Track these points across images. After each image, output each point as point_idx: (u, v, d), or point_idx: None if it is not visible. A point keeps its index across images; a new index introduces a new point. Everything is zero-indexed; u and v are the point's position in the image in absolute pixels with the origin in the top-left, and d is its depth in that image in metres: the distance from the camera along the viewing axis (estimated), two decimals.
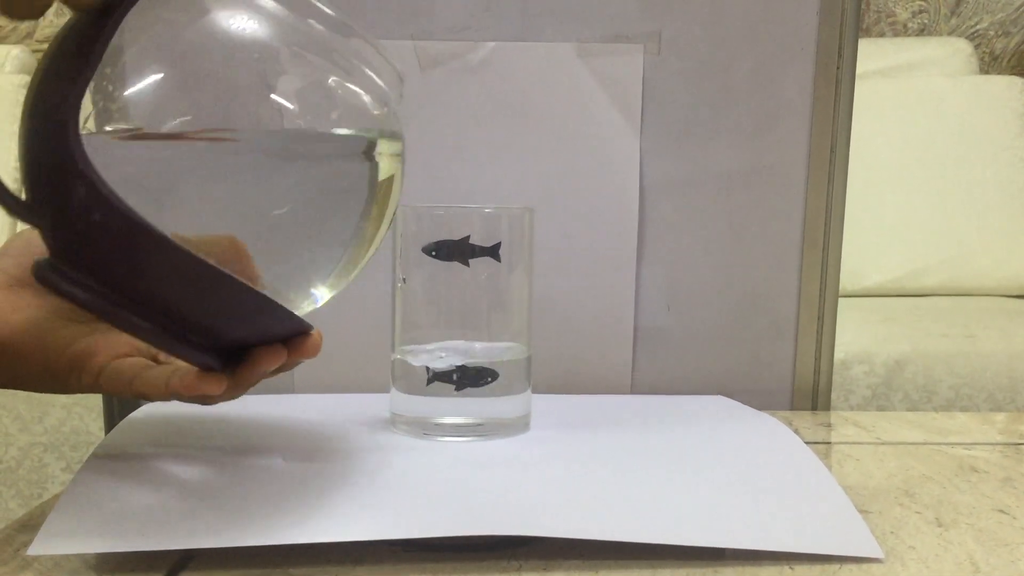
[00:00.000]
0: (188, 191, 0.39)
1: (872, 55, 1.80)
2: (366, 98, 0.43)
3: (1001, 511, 0.48)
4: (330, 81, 0.42)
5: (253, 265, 0.41)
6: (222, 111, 0.39)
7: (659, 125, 0.70)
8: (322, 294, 0.44)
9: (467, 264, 0.55)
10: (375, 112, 0.43)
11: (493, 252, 0.55)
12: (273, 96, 0.40)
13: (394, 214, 0.46)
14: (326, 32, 0.41)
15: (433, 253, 0.54)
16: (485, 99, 0.69)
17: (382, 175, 0.43)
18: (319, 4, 0.41)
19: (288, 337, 0.42)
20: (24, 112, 0.36)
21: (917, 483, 0.52)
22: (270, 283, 0.41)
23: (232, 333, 0.40)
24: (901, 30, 1.97)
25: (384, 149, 0.44)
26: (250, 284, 0.37)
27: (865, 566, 0.40)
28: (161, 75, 0.39)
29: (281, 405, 0.63)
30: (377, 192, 0.43)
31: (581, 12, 0.69)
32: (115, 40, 0.35)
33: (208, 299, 0.37)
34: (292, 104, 0.40)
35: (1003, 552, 0.42)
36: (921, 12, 1.96)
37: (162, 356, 0.47)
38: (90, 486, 0.45)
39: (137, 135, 0.38)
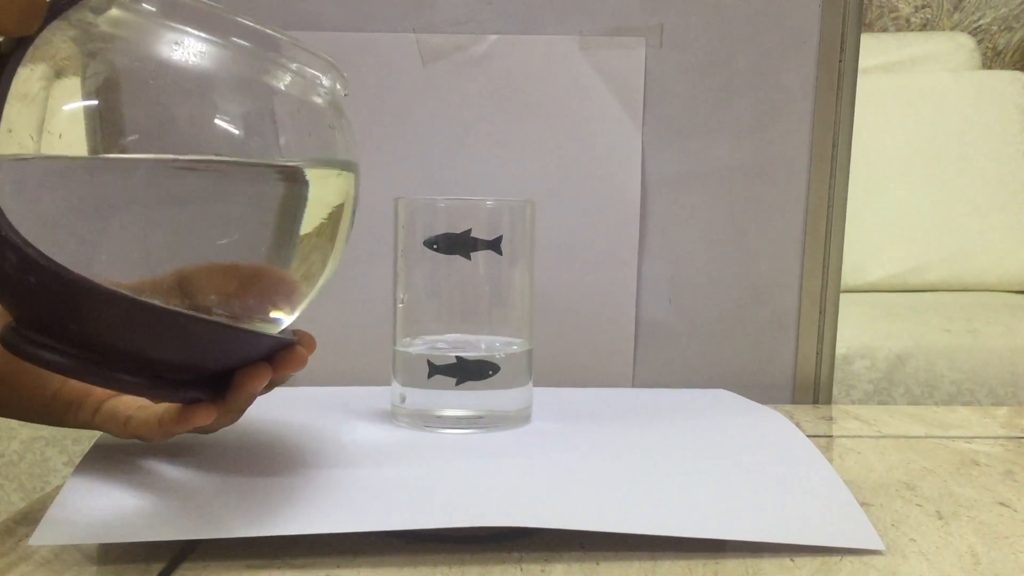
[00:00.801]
0: (127, 219, 0.38)
1: (874, 50, 1.79)
2: (305, 118, 0.42)
3: (1002, 504, 0.48)
4: (264, 105, 0.40)
5: (277, 274, 0.41)
6: (156, 139, 0.38)
7: (661, 118, 0.70)
8: (283, 317, 0.43)
9: (469, 257, 0.55)
10: (318, 133, 0.42)
11: (495, 245, 0.55)
12: (210, 125, 0.38)
13: (350, 230, 0.44)
14: (255, 49, 0.39)
15: (435, 246, 0.54)
16: (487, 92, 0.69)
17: (329, 199, 0.42)
18: (240, 19, 0.39)
19: (271, 353, 0.41)
20: None
21: (918, 476, 0.52)
22: (227, 312, 0.40)
23: (208, 364, 0.39)
24: (904, 25, 1.96)
25: (326, 172, 0.42)
26: (205, 316, 0.37)
27: (866, 558, 0.40)
28: (94, 101, 0.38)
29: (282, 398, 0.63)
30: (326, 215, 0.42)
31: (583, 5, 0.69)
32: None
33: (169, 339, 0.37)
34: (226, 134, 0.38)
35: (1004, 545, 0.42)
36: (924, 7, 1.96)
37: None
38: (91, 477, 0.45)
39: (75, 158, 0.37)
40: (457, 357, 0.55)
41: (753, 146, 0.71)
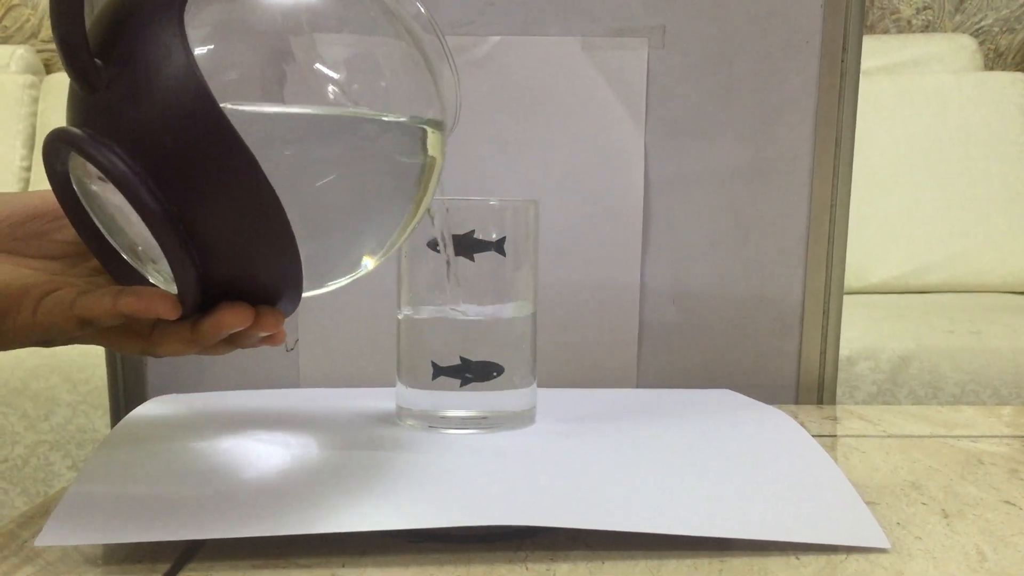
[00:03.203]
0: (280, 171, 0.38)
1: (876, 52, 1.79)
2: (435, 94, 0.44)
3: (1007, 502, 0.48)
4: (407, 66, 0.42)
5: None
6: (287, 86, 0.39)
7: (664, 119, 0.70)
8: (368, 261, 0.44)
9: (472, 259, 0.55)
10: (438, 107, 0.44)
11: (498, 246, 0.55)
12: (349, 78, 0.40)
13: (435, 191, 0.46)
14: (418, 28, 0.42)
15: (437, 248, 0.54)
16: (489, 94, 0.69)
17: (430, 159, 0.44)
18: (417, 2, 0.42)
19: (262, 303, 0.40)
20: None
21: (923, 475, 0.52)
22: (322, 250, 0.40)
23: (229, 264, 0.38)
24: (905, 27, 1.96)
25: (435, 137, 0.44)
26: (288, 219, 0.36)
27: (872, 556, 0.40)
28: (237, 44, 0.39)
29: (286, 399, 0.63)
30: (424, 172, 0.44)
31: (585, 6, 0.69)
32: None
33: (238, 208, 0.36)
34: (364, 85, 0.40)
35: (1010, 543, 0.42)
36: (925, 8, 1.96)
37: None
38: (96, 478, 0.45)
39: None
40: (461, 358, 0.55)
41: (756, 147, 0.71)
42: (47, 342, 0.43)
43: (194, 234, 0.36)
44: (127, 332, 0.43)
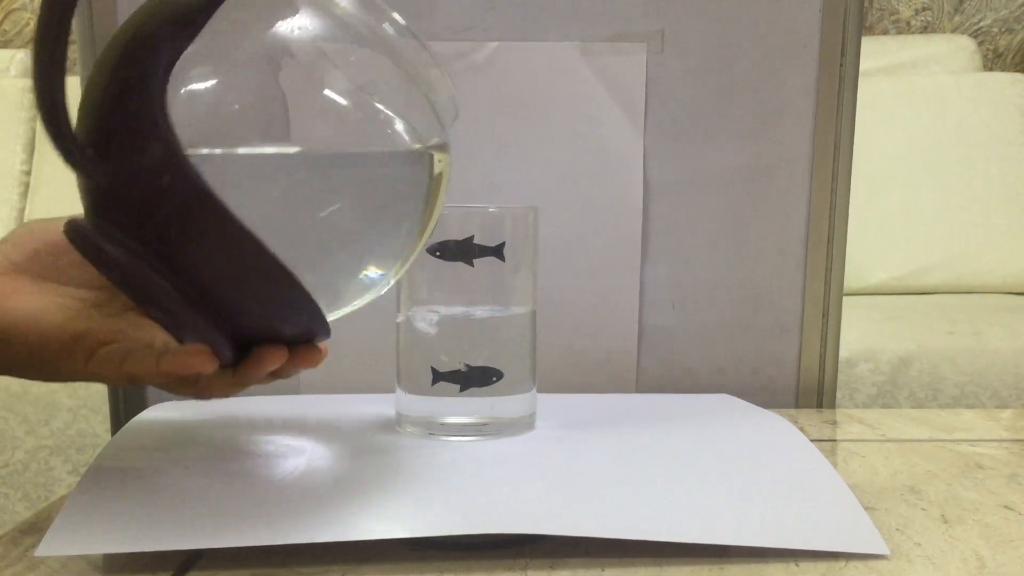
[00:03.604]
0: (254, 198, 0.39)
1: (875, 53, 1.79)
2: (430, 111, 0.44)
3: (1007, 507, 0.48)
4: (401, 94, 0.43)
5: None
6: (287, 122, 0.40)
7: (663, 123, 0.70)
8: (383, 284, 0.45)
9: (471, 264, 0.55)
10: (436, 124, 0.44)
11: (497, 252, 0.55)
12: (346, 110, 0.41)
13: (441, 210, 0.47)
14: (400, 41, 0.42)
15: (437, 253, 0.54)
16: (489, 99, 0.69)
17: (437, 180, 0.44)
18: (393, 13, 0.42)
19: (297, 342, 0.42)
20: (102, 63, 0.36)
21: (923, 480, 0.52)
22: (332, 280, 0.41)
23: (253, 322, 0.39)
24: (904, 28, 1.97)
25: (440, 159, 0.44)
26: (297, 277, 0.37)
27: (871, 563, 0.40)
28: (231, 86, 0.39)
29: (286, 406, 0.63)
30: (432, 194, 0.44)
31: (584, 11, 0.69)
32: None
33: (248, 280, 0.37)
34: (363, 117, 0.41)
35: (1009, 548, 0.42)
36: (924, 9, 1.96)
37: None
38: (97, 487, 0.45)
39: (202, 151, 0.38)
40: (461, 363, 0.55)
41: (755, 150, 0.71)
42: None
43: (210, 301, 0.38)
44: (178, 381, 0.45)
